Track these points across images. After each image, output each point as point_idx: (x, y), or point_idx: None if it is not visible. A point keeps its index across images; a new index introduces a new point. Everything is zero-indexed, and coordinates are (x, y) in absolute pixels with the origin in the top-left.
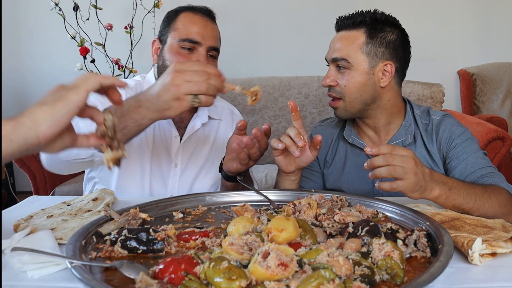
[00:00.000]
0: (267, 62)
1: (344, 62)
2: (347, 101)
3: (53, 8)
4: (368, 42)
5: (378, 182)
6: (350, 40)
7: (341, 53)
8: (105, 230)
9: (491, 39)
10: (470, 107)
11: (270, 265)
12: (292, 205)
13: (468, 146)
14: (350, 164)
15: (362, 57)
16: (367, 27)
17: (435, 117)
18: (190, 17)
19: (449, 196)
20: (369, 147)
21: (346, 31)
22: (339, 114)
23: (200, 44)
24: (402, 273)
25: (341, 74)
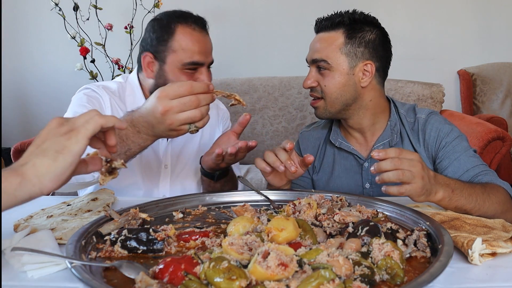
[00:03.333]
0: (267, 62)
1: (323, 63)
2: (328, 101)
3: (53, 8)
4: (347, 42)
5: (385, 187)
6: (329, 41)
7: (320, 54)
8: (105, 230)
9: (491, 39)
10: (470, 107)
11: (270, 265)
12: (292, 205)
13: (458, 144)
14: (338, 168)
15: (342, 57)
16: (345, 27)
17: (421, 115)
18: (189, 35)
19: (452, 198)
20: (376, 151)
21: (325, 32)
22: (319, 114)
23: (203, 65)
24: (402, 273)
25: (321, 75)
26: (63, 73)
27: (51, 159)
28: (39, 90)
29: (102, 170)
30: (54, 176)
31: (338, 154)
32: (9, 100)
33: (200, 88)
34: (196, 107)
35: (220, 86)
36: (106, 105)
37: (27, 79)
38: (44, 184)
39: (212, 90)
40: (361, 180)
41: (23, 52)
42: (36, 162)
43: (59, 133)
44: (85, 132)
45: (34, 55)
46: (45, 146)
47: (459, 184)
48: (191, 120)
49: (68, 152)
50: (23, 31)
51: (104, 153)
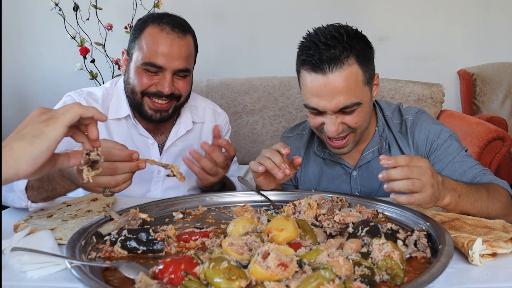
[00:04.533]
0: (267, 62)
1: (355, 106)
2: (358, 133)
3: (53, 8)
4: (364, 70)
5: (394, 195)
6: (352, 79)
7: (350, 99)
8: (105, 230)
9: (491, 39)
10: (470, 107)
11: (270, 265)
12: (292, 205)
13: (450, 146)
14: (325, 178)
15: (365, 88)
16: (355, 55)
17: (408, 116)
18: (155, 34)
19: (458, 203)
20: (384, 158)
21: (339, 69)
22: (348, 150)
23: (164, 69)
24: (402, 273)
25: (347, 116)
26: (63, 73)
27: (28, 143)
28: (39, 90)
29: (81, 162)
30: (30, 159)
31: (324, 164)
32: (9, 100)
33: (119, 156)
34: (111, 174)
35: (220, 86)
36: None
37: (27, 79)
38: (20, 167)
39: (135, 159)
40: (350, 189)
41: (23, 52)
42: (13, 145)
43: (39, 120)
44: (64, 119)
45: (34, 55)
46: (24, 131)
47: (466, 189)
48: (104, 185)
49: (45, 137)
50: (23, 31)
51: (87, 147)
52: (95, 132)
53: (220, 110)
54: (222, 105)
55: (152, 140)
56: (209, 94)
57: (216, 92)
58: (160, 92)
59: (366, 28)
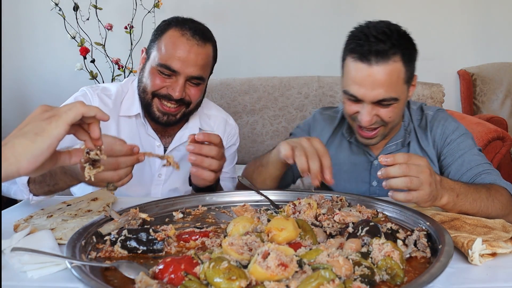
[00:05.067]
0: (267, 62)
1: (392, 101)
2: (389, 127)
3: (53, 8)
4: (406, 70)
5: (392, 192)
6: (394, 75)
7: (389, 93)
8: (105, 230)
9: (491, 39)
10: (470, 107)
11: (270, 265)
12: (292, 205)
13: (463, 142)
14: (347, 162)
15: (404, 86)
16: (400, 52)
17: (429, 112)
18: (175, 38)
19: (457, 203)
20: (383, 156)
21: (384, 64)
22: (375, 142)
23: (178, 73)
24: (402, 273)
25: (382, 108)
26: (63, 73)
27: (29, 140)
28: (39, 90)
29: (81, 160)
30: (31, 157)
31: (348, 148)
32: (9, 100)
33: (121, 151)
34: (114, 169)
35: (220, 86)
36: None
37: (27, 79)
38: (21, 164)
39: (136, 152)
40: (369, 177)
41: (23, 52)
42: (15, 142)
43: (41, 118)
44: (66, 118)
45: (34, 55)
46: (26, 129)
47: (464, 189)
48: (107, 180)
49: (46, 135)
50: (23, 31)
51: (88, 145)
52: (97, 131)
53: (232, 122)
54: (222, 105)
55: (158, 142)
56: (209, 94)
57: (216, 92)
58: (170, 95)
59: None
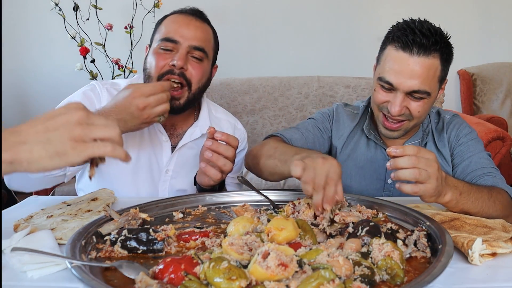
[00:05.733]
0: (267, 62)
1: (424, 95)
2: (413, 123)
3: (53, 8)
4: (442, 69)
5: (399, 184)
6: (430, 70)
7: (424, 86)
8: (105, 230)
9: (491, 39)
10: (470, 107)
11: (270, 265)
12: (292, 204)
13: (473, 145)
14: (364, 158)
15: (437, 85)
16: (441, 51)
17: (446, 115)
18: (174, 17)
19: (459, 201)
20: (393, 147)
21: (425, 57)
22: (397, 135)
23: (179, 43)
24: (402, 273)
25: (412, 100)
26: (63, 73)
27: (48, 155)
28: (39, 90)
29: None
30: (42, 168)
31: (366, 145)
32: (9, 100)
33: (168, 86)
34: (167, 102)
35: (220, 86)
36: (102, 104)
37: (27, 79)
38: (31, 170)
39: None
40: (385, 174)
41: (23, 52)
42: (33, 148)
43: (72, 133)
44: (91, 152)
45: (34, 55)
46: (52, 137)
47: (467, 188)
48: (164, 112)
49: (65, 159)
50: (23, 31)
51: None
52: None
53: (240, 126)
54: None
55: (166, 138)
56: (209, 94)
57: (216, 92)
58: (172, 68)
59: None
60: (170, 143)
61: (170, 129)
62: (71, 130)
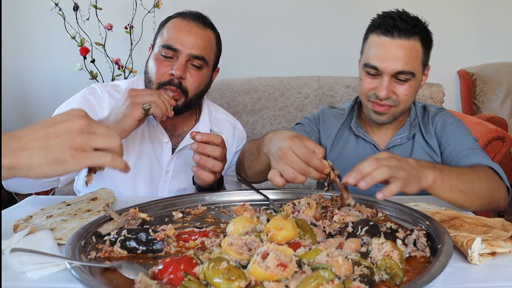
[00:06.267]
0: (267, 62)
1: (409, 75)
2: (400, 108)
3: (53, 8)
4: (423, 52)
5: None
6: (413, 51)
7: (408, 66)
8: (104, 230)
9: (491, 39)
10: (470, 107)
11: (269, 265)
12: (292, 204)
13: (459, 132)
14: (353, 156)
15: (420, 67)
16: (420, 35)
17: (431, 108)
18: (177, 22)
19: (444, 178)
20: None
21: (406, 39)
22: (385, 120)
23: (179, 52)
24: (401, 273)
25: (398, 84)
26: (63, 73)
27: (47, 163)
28: (40, 90)
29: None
30: (40, 175)
31: (355, 142)
32: (9, 100)
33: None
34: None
35: (220, 86)
36: (104, 108)
37: (27, 79)
38: (29, 176)
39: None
40: None
41: (23, 52)
42: (33, 155)
43: (73, 142)
44: (90, 162)
45: (34, 55)
46: (53, 144)
47: (445, 166)
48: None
49: (64, 167)
50: (23, 31)
51: None
52: None
53: (240, 127)
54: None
55: (167, 139)
56: (209, 94)
57: (216, 92)
58: (171, 77)
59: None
60: (171, 144)
61: (171, 130)
62: (72, 138)
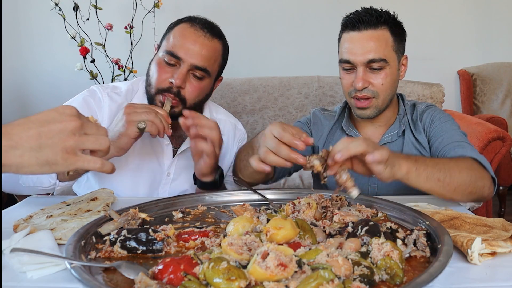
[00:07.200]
0: (267, 62)
1: (382, 63)
2: (381, 99)
3: (53, 8)
4: (394, 39)
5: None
6: (381, 39)
7: (378, 54)
8: (104, 230)
9: (491, 39)
10: (470, 107)
11: (269, 265)
12: (292, 204)
13: (447, 126)
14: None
15: (393, 54)
16: (388, 24)
17: (420, 106)
18: (184, 29)
19: (419, 168)
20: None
21: (372, 30)
22: (371, 114)
23: (182, 60)
24: (401, 273)
25: (373, 74)
26: (63, 73)
27: (38, 163)
28: (40, 90)
29: None
30: (30, 173)
31: None
32: (9, 100)
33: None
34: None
35: (220, 86)
36: (103, 111)
37: (27, 79)
38: (19, 173)
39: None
40: None
41: (23, 52)
42: (24, 155)
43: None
44: (81, 165)
45: (34, 55)
46: (45, 145)
47: (420, 156)
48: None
49: (55, 168)
50: (23, 31)
51: None
52: None
53: (240, 127)
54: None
55: (167, 141)
56: None
57: (216, 92)
58: (171, 85)
59: None
60: (171, 146)
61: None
62: (64, 141)
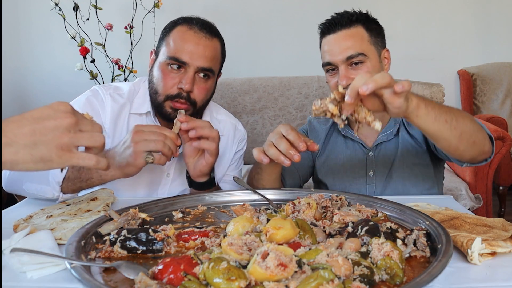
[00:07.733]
0: (267, 62)
1: (361, 57)
2: None
3: (53, 8)
4: (370, 34)
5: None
6: (357, 36)
7: (355, 49)
8: (104, 230)
9: (491, 39)
10: (470, 107)
11: (269, 265)
12: (292, 204)
13: None
14: (343, 156)
15: (372, 48)
16: (361, 22)
17: None
18: (183, 32)
19: (427, 106)
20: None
21: (346, 30)
22: None
23: (187, 65)
24: (401, 273)
25: (355, 70)
26: (63, 73)
27: (32, 160)
28: (40, 90)
29: None
30: (24, 170)
31: (344, 143)
32: (9, 100)
33: (170, 133)
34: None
35: (220, 86)
36: (106, 111)
37: (28, 79)
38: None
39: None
40: (365, 168)
41: (23, 52)
42: (19, 152)
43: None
44: (76, 162)
45: (34, 55)
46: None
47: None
48: (153, 146)
49: (49, 165)
50: (23, 31)
51: None
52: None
53: (241, 127)
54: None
55: None
56: None
57: (216, 92)
58: (180, 91)
59: None
60: None
61: None
62: (59, 138)
